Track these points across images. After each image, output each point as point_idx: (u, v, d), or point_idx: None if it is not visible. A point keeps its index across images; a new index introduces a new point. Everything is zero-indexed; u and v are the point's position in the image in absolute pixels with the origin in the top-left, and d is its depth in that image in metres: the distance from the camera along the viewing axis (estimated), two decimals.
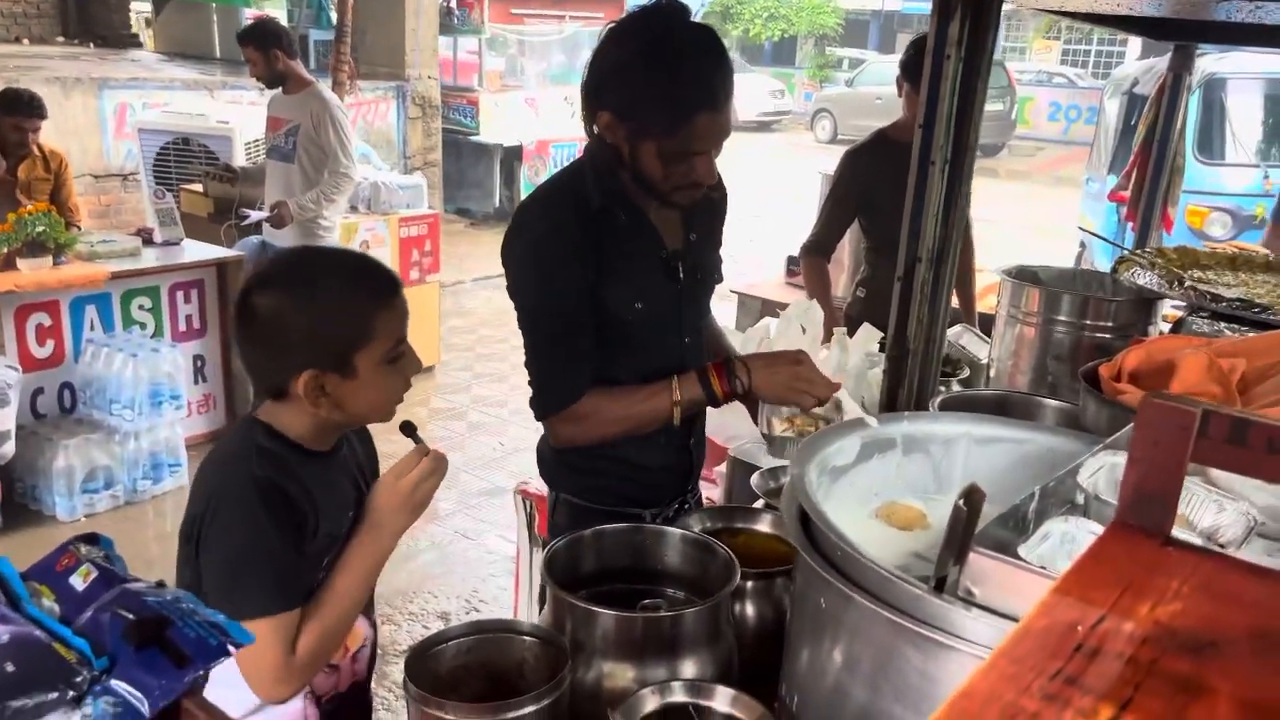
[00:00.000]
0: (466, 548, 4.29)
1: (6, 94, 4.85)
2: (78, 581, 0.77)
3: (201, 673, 0.69)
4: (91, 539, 0.83)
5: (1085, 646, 0.63)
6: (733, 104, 1.76)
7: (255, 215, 4.97)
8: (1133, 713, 0.57)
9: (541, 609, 2.62)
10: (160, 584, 0.79)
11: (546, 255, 1.77)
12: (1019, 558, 0.94)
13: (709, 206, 1.97)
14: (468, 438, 5.50)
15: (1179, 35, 3.13)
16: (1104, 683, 0.59)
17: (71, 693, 0.68)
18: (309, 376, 1.39)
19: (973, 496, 0.89)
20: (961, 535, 0.91)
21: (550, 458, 2.02)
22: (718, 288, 2.13)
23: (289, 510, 1.40)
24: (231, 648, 0.72)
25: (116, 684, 0.68)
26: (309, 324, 1.40)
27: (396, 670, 3.42)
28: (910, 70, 3.01)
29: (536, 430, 1.99)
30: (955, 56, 1.94)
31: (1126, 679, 0.60)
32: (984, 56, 2.00)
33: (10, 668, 0.67)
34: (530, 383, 1.87)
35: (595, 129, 1.76)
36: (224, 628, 0.73)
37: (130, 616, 0.72)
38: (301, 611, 1.40)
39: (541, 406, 1.86)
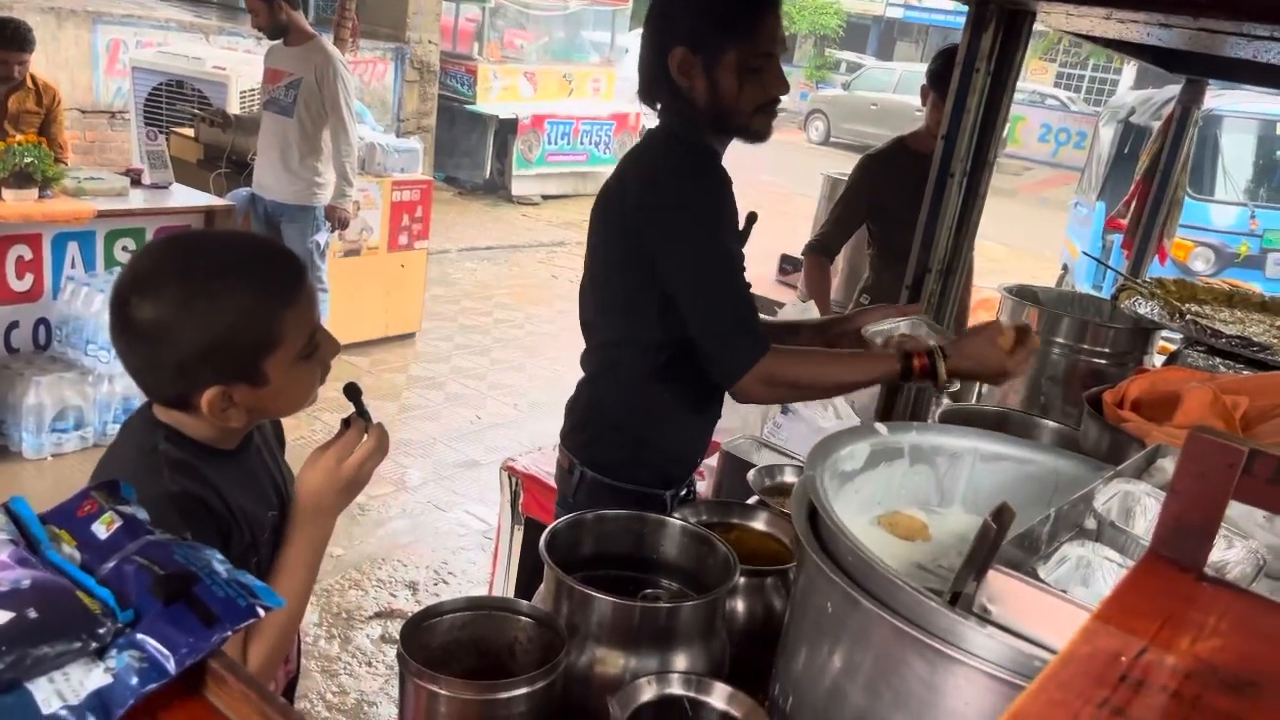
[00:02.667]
0: (437, 519, 4.27)
1: None
2: (100, 529, 0.75)
3: (230, 633, 0.68)
4: (112, 486, 0.81)
5: (1130, 677, 0.63)
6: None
7: (323, 236, 5.02)
8: None
9: (517, 586, 2.62)
10: (185, 538, 0.77)
11: (712, 201, 1.75)
12: (1039, 579, 0.94)
13: None
14: (444, 409, 5.47)
15: (1191, 69, 3.15)
16: (1151, 715, 0.59)
17: (94, 644, 0.66)
18: (214, 394, 1.23)
19: (1003, 515, 0.89)
20: (986, 553, 0.91)
21: (593, 428, 1.95)
22: None
23: (212, 522, 1.26)
24: (261, 610, 0.70)
25: (142, 638, 0.66)
26: (206, 339, 1.21)
27: (361, 635, 3.40)
28: (938, 79, 3.00)
29: (514, 406, 1.97)
30: (984, 70, 1.95)
31: (1172, 713, 0.60)
32: (1012, 72, 2.01)
33: (33, 614, 0.65)
34: (706, 344, 1.75)
35: (658, 90, 1.80)
36: (253, 589, 0.71)
37: (157, 570, 0.70)
38: None
39: (734, 361, 1.72)
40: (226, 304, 1.22)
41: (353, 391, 1.38)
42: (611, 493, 1.91)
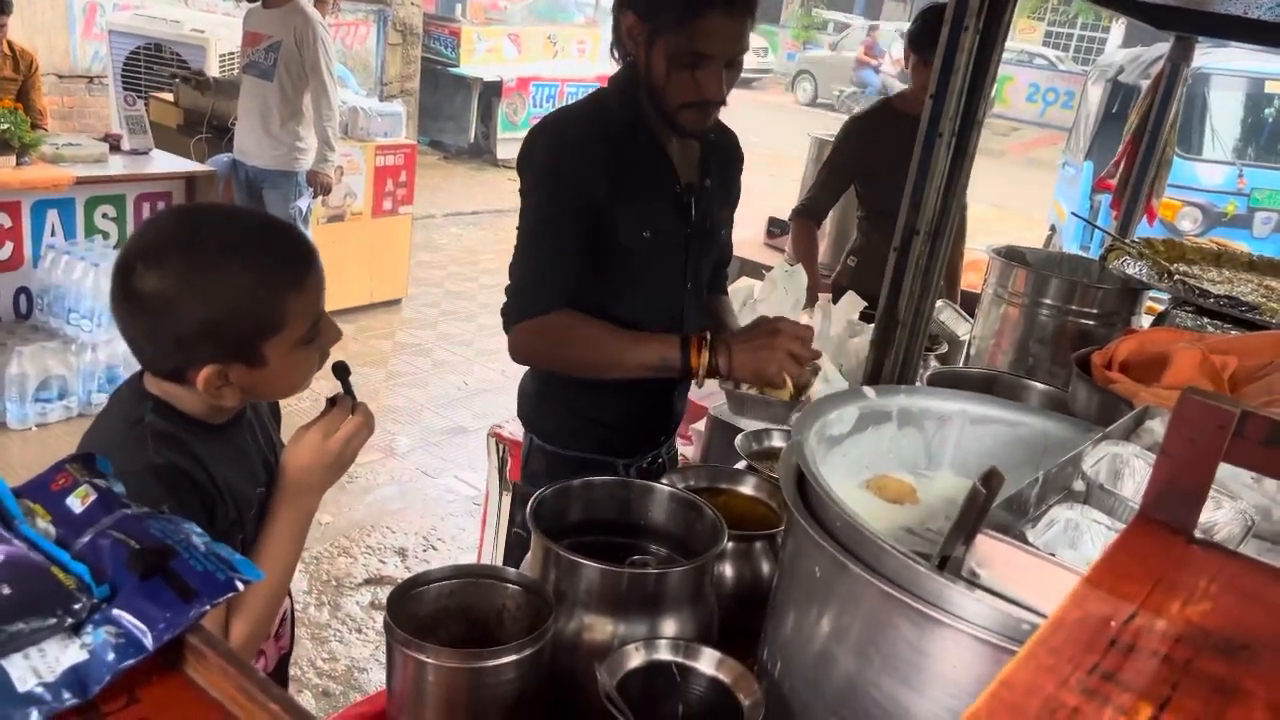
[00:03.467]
0: (426, 485, 4.26)
1: None
2: (75, 503, 0.73)
3: (208, 607, 0.67)
4: (87, 459, 0.79)
5: (1120, 642, 0.62)
6: (750, 24, 1.71)
7: (306, 201, 4.96)
8: (1171, 712, 0.57)
9: (506, 553, 2.62)
10: (162, 511, 0.76)
11: (564, 165, 1.73)
12: (1028, 543, 0.94)
13: (726, 157, 1.97)
14: (432, 375, 5.45)
15: (1181, 25, 3.12)
16: (1142, 680, 0.59)
17: (70, 620, 0.65)
18: (210, 372, 1.21)
19: (992, 480, 0.88)
20: (975, 517, 0.90)
21: (533, 396, 1.98)
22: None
23: (197, 496, 1.25)
24: (239, 584, 0.69)
25: (119, 613, 0.65)
26: (207, 316, 1.18)
27: (351, 602, 3.41)
28: (918, 41, 2.97)
29: (501, 371, 1.98)
30: (973, 28, 1.91)
31: (1163, 678, 0.59)
32: (1000, 30, 1.98)
33: (6, 590, 0.64)
34: (508, 288, 1.81)
35: (618, 48, 1.76)
36: (232, 563, 0.70)
37: (134, 544, 0.69)
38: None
39: (513, 310, 1.78)
40: (232, 283, 1.20)
41: (341, 370, 1.38)
42: (559, 460, 1.93)
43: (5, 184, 4.04)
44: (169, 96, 5.87)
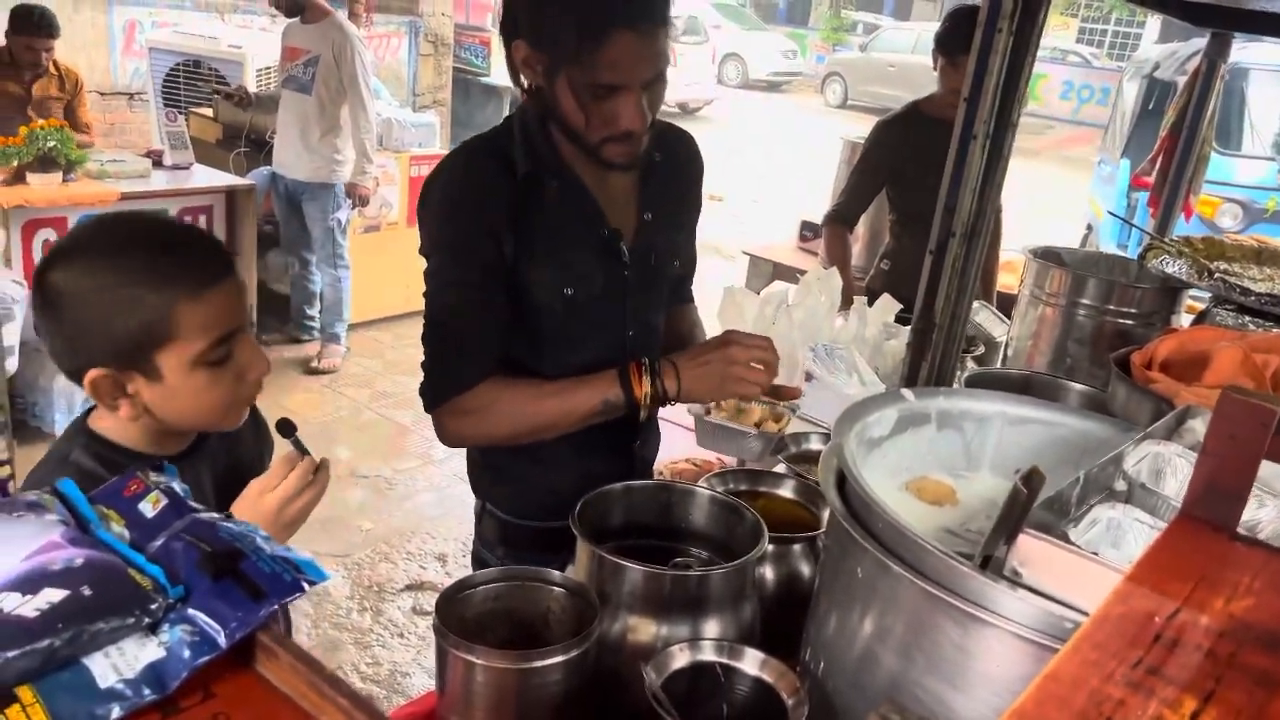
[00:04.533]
0: (464, 492, 4.26)
1: (18, 11, 4.73)
2: (147, 508, 0.77)
3: (276, 607, 0.69)
4: (157, 466, 0.82)
5: (1164, 637, 0.64)
6: (668, 32, 1.46)
7: (344, 213, 5.06)
8: (1216, 705, 0.58)
9: None
10: (228, 515, 0.79)
11: (455, 224, 1.55)
12: (1070, 542, 0.95)
13: (674, 175, 1.73)
14: None
15: (1217, 22, 3.10)
16: (1186, 674, 0.60)
17: (147, 619, 0.68)
18: (97, 375, 1.19)
19: (1033, 479, 0.89)
20: (1017, 517, 0.91)
21: (477, 460, 1.80)
22: (699, 269, 1.94)
23: None
24: (306, 585, 0.72)
25: (193, 613, 0.68)
26: (101, 313, 1.17)
27: (393, 607, 3.45)
28: (946, 43, 2.98)
29: None
30: (1007, 30, 1.92)
31: (1207, 671, 0.61)
32: (1034, 32, 1.98)
33: (87, 591, 0.67)
34: (423, 364, 1.63)
35: (515, 78, 1.53)
36: (298, 564, 0.73)
37: (205, 547, 0.72)
38: None
39: (431, 391, 1.61)
40: (121, 283, 1.18)
41: (285, 428, 1.34)
42: (516, 530, 1.76)
43: (53, 200, 4.14)
44: (208, 112, 5.98)
